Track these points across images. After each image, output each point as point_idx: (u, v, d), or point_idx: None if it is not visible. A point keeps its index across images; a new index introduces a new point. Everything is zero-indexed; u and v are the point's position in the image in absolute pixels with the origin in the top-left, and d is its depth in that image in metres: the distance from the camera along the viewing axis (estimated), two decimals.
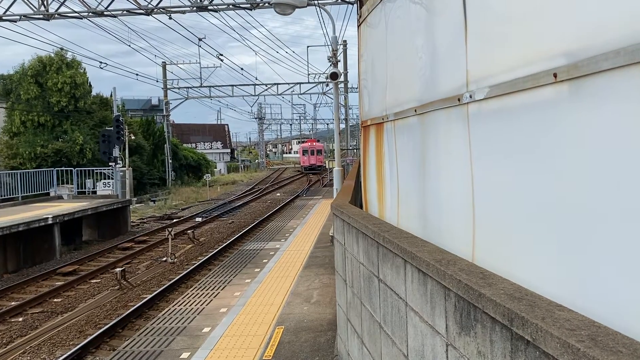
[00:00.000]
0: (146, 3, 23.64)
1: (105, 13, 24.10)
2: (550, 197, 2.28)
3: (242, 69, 48.61)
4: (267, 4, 22.79)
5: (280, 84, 51.46)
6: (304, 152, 73.30)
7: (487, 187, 2.89)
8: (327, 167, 62.80)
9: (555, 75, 2.15)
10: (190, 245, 20.54)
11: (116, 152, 26.54)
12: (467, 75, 3.03)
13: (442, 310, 2.77)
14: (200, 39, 42.67)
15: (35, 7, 23.63)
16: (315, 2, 19.20)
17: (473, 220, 3.00)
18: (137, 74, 47.03)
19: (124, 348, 8.06)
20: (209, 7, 23.82)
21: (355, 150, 40.89)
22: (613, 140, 1.89)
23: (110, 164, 26.54)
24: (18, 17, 24.13)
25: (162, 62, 49.25)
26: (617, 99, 1.85)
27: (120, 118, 28.32)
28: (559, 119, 2.19)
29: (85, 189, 27.28)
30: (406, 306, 3.44)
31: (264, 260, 13.63)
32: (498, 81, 2.65)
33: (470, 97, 2.97)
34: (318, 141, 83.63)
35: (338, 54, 16.68)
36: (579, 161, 2.08)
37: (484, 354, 2.29)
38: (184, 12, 24.44)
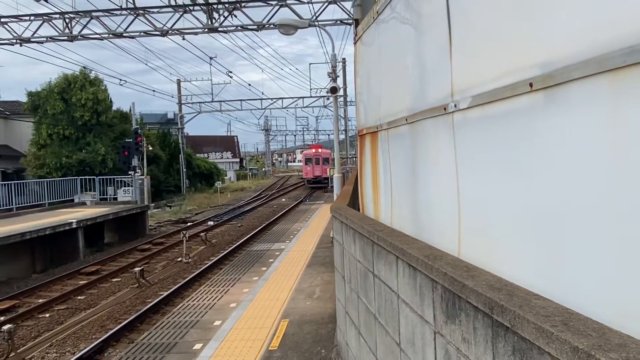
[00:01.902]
0: (162, 25, 23.73)
1: (124, 34, 24.19)
2: (528, 198, 2.28)
3: (250, 85, 49.10)
4: (272, 26, 22.84)
5: (285, 98, 51.64)
6: (307, 160, 54.73)
7: (471, 189, 2.89)
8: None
9: (531, 85, 2.16)
10: (203, 247, 20.54)
11: (135, 161, 26.60)
12: (452, 86, 3.04)
13: (430, 301, 2.77)
14: (211, 58, 42.93)
15: (60, 30, 23.73)
16: (316, 23, 19.27)
17: (459, 218, 3.01)
18: (154, 91, 47.37)
19: (141, 340, 8.06)
20: (220, 29, 23.89)
21: (354, 159, 40.89)
22: (584, 143, 1.90)
23: (129, 172, 26.59)
24: (44, 38, 24.25)
25: (177, 79, 49.48)
26: (587, 105, 1.86)
27: (139, 131, 28.42)
28: (535, 125, 2.19)
29: (106, 195, 27.28)
30: (398, 298, 3.44)
31: (270, 260, 13.63)
32: (480, 91, 2.66)
33: (455, 106, 2.98)
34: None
35: (337, 70, 16.73)
36: (553, 163, 2.09)
37: (468, 340, 2.29)
38: (196, 34, 24.52)
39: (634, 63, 1.59)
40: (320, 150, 56.17)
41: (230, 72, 43.52)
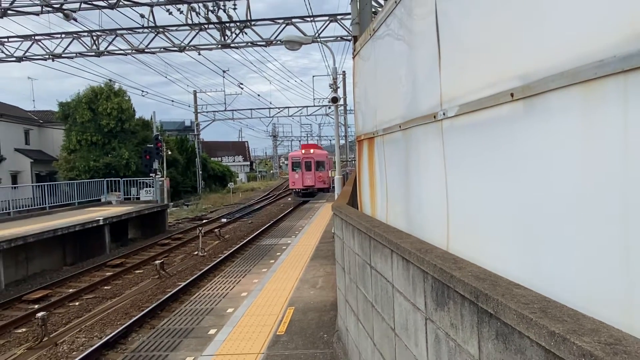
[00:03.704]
0: (180, 42, 23.77)
1: (146, 50, 24.22)
2: (509, 197, 2.28)
3: (259, 95, 49.17)
4: (279, 42, 22.83)
5: (290, 107, 51.68)
6: (294, 165, 36.35)
7: (458, 189, 2.89)
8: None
9: (512, 95, 2.16)
10: (217, 242, 20.56)
11: (156, 165, 26.63)
12: (441, 96, 3.04)
13: (422, 290, 2.77)
14: (224, 71, 42.99)
15: (88, 46, 23.79)
16: (319, 40, 19.26)
17: (447, 216, 3.00)
18: (172, 101, 47.52)
19: (162, 326, 8.07)
20: (232, 45, 23.89)
21: (352, 162, 40.85)
22: (559, 147, 1.89)
23: (150, 174, 26.62)
24: (74, 54, 24.31)
25: (194, 90, 49.55)
26: (562, 113, 1.86)
27: (159, 137, 28.44)
28: (515, 131, 2.19)
29: (130, 195, 27.33)
30: (393, 288, 3.44)
31: (278, 254, 13.63)
32: (466, 101, 2.66)
33: (444, 114, 2.98)
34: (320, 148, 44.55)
35: (338, 82, 16.73)
36: (532, 167, 2.08)
37: (456, 326, 2.29)
38: (211, 49, 24.53)
39: (603, 75, 1.60)
40: (312, 150, 37.09)
41: (242, 83, 43.73)
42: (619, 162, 1.57)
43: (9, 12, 19.68)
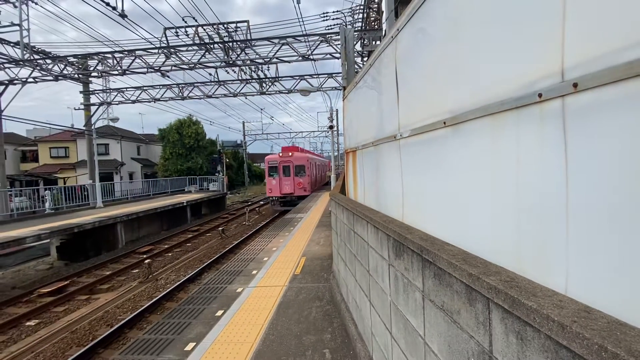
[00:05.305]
0: (233, 90, 23.72)
1: (212, 96, 24.15)
2: (443, 188, 2.25)
3: (283, 124, 48.85)
4: (296, 91, 22.74)
5: (303, 132, 51.50)
6: (271, 170, 19.65)
7: (410, 183, 2.86)
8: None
9: (444, 123, 2.13)
10: (257, 216, 20.52)
11: (219, 168, 26.61)
12: (399, 124, 3.00)
13: (386, 246, 2.74)
14: (261, 109, 42.98)
15: (176, 93, 23.76)
16: (322, 89, 19.17)
17: (402, 200, 2.97)
18: (229, 128, 47.78)
19: (222, 268, 8.05)
20: (266, 92, 23.82)
21: (342, 165, 40.67)
22: (475, 158, 1.86)
23: (215, 174, 26.61)
24: (168, 98, 24.26)
25: (242, 121, 49.43)
26: (477, 135, 1.82)
27: (221, 151, 28.42)
28: (447, 147, 2.16)
29: (203, 187, 27.35)
30: (368, 245, 3.41)
31: (296, 224, 13.57)
32: (415, 126, 2.62)
33: (401, 135, 2.94)
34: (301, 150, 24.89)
35: (333, 116, 16.69)
36: (457, 169, 2.05)
37: (408, 269, 2.27)
38: (253, 95, 24.42)
39: (504, 110, 1.57)
40: (291, 153, 20.71)
41: (272, 117, 43.39)
42: (514, 168, 1.55)
43: (127, 72, 19.74)
